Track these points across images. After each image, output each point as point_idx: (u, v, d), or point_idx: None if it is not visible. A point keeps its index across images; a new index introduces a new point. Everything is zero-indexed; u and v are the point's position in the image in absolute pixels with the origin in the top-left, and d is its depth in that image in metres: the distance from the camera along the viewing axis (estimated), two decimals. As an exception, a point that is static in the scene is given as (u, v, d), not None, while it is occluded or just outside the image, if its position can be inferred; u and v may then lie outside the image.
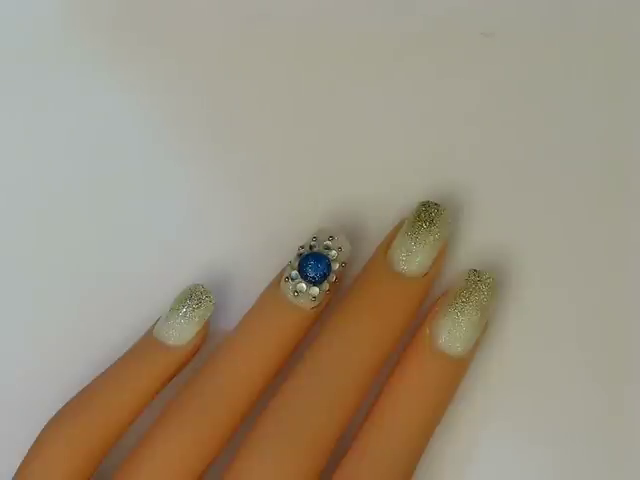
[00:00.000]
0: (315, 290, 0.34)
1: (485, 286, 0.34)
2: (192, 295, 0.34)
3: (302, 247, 0.34)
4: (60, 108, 0.39)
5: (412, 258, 0.34)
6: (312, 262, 0.34)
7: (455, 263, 0.37)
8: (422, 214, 0.35)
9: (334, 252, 0.34)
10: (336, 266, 0.34)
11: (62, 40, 0.39)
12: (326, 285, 0.34)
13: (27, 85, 0.39)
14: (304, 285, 0.34)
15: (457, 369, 0.34)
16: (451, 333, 0.34)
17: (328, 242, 0.34)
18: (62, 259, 0.37)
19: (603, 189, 0.38)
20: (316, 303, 0.34)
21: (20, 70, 0.39)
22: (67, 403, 0.33)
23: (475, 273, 0.34)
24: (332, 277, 0.34)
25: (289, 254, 0.35)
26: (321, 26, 0.39)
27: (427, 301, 0.35)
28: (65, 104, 0.39)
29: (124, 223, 0.38)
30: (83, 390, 0.34)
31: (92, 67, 0.39)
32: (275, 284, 0.35)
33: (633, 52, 0.39)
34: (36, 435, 0.33)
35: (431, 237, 0.34)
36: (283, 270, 0.34)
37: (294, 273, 0.34)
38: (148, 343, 0.34)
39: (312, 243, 0.34)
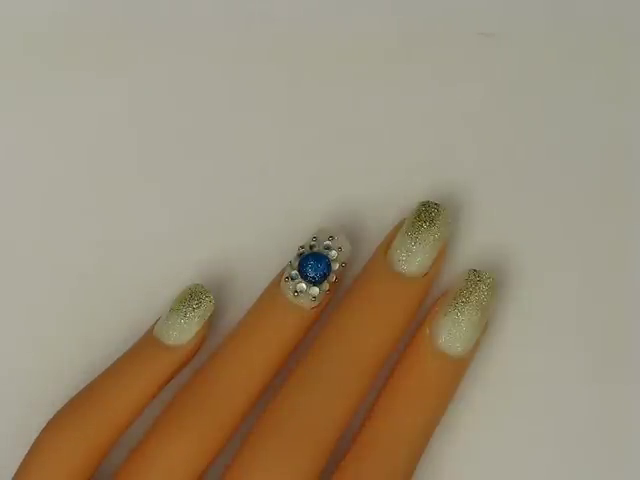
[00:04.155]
0: (315, 290, 0.34)
1: (485, 286, 0.34)
2: (192, 295, 0.34)
3: (302, 247, 0.34)
4: (59, 110, 0.39)
5: (412, 258, 0.34)
6: (312, 262, 0.34)
7: (455, 263, 0.37)
8: (422, 214, 0.35)
9: (334, 252, 0.34)
10: (336, 266, 0.34)
11: (63, 42, 0.39)
12: (326, 285, 0.34)
13: (27, 87, 0.39)
14: (304, 285, 0.34)
15: (457, 369, 0.34)
16: (451, 333, 0.34)
17: (328, 242, 0.34)
18: (62, 259, 0.37)
19: (603, 189, 0.38)
20: (316, 303, 0.34)
21: (20, 72, 0.39)
22: (67, 403, 0.33)
23: (475, 273, 0.34)
24: (332, 277, 0.34)
25: (289, 254, 0.35)
26: (321, 26, 0.39)
27: (427, 301, 0.35)
28: (66, 105, 0.39)
29: (124, 223, 0.38)
30: (83, 390, 0.34)
31: (93, 67, 0.39)
32: (275, 284, 0.35)
33: (633, 51, 0.39)
34: (36, 435, 0.33)
35: (431, 237, 0.34)
36: (283, 270, 0.34)
37: (294, 273, 0.34)
38: (148, 343, 0.34)
39: (312, 243, 0.34)
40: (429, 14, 0.39)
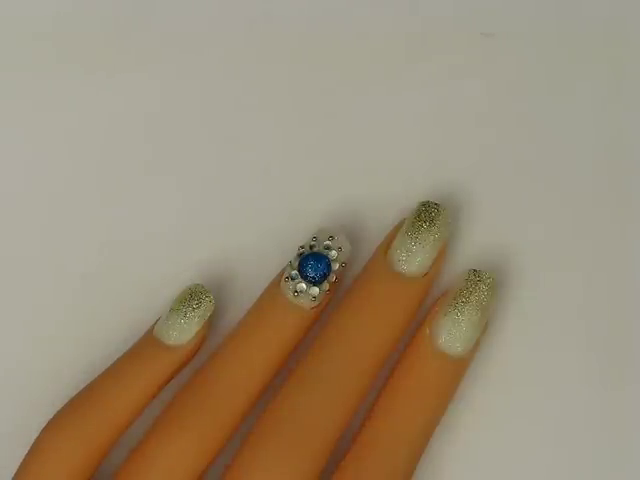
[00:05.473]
0: (315, 290, 0.34)
1: (485, 286, 0.34)
2: (192, 295, 0.34)
3: (302, 247, 0.34)
4: (62, 110, 0.39)
5: (412, 258, 0.34)
6: (312, 262, 0.34)
7: (455, 263, 0.37)
8: (422, 214, 0.35)
9: (334, 252, 0.34)
10: (336, 266, 0.34)
11: (65, 43, 0.39)
12: (326, 285, 0.34)
13: (29, 88, 0.39)
14: (304, 285, 0.34)
15: (457, 369, 0.34)
16: (451, 333, 0.34)
17: (328, 242, 0.34)
18: (62, 259, 0.37)
19: (604, 190, 0.38)
20: (316, 303, 0.34)
21: (22, 72, 0.39)
22: (67, 403, 0.33)
23: (475, 273, 0.34)
24: (332, 277, 0.34)
25: (289, 254, 0.35)
26: (322, 27, 0.39)
27: (427, 301, 0.35)
28: (66, 106, 0.39)
29: (124, 223, 0.38)
30: (83, 390, 0.34)
31: (93, 68, 0.39)
32: (275, 284, 0.35)
33: (634, 51, 0.39)
34: (36, 435, 0.33)
35: (431, 237, 0.34)
36: (283, 270, 0.34)
37: (294, 273, 0.34)
38: (148, 343, 0.34)
39: (312, 243, 0.34)
40: (430, 14, 0.39)
